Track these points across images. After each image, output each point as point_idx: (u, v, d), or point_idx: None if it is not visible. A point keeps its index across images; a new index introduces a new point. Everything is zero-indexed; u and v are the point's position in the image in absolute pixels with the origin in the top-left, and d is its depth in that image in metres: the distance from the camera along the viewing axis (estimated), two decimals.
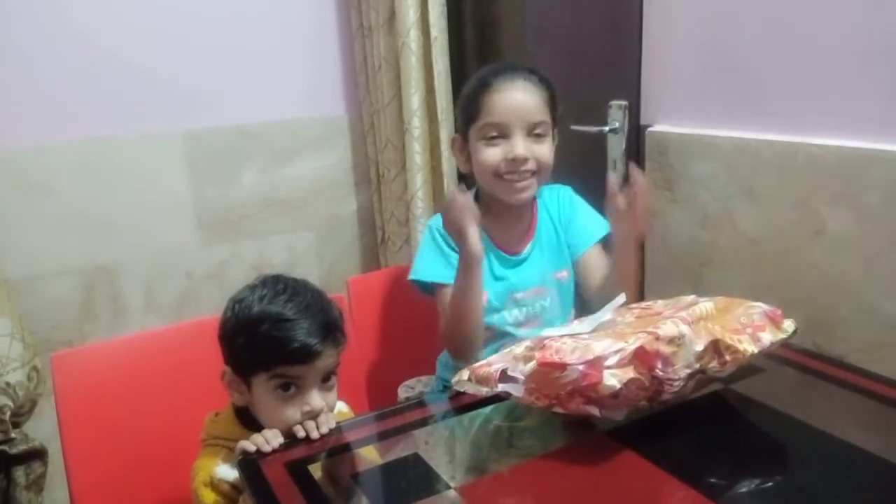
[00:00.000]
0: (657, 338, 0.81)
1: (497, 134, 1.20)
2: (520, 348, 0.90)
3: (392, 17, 1.81)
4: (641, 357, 0.80)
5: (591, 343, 0.82)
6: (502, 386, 0.87)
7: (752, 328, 0.88)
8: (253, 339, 0.96)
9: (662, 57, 1.37)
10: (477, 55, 1.89)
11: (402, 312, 1.51)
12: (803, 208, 1.15)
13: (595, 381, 0.79)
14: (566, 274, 1.30)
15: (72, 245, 1.82)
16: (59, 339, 1.81)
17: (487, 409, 0.96)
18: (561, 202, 1.33)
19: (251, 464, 0.88)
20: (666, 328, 0.82)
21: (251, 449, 0.90)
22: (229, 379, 1.00)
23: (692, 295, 0.99)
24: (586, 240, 1.29)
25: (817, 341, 1.13)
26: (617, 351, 0.80)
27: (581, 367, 0.80)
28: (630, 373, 0.80)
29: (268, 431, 0.93)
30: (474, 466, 0.86)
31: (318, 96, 2.09)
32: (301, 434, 0.93)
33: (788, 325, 0.91)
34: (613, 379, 0.79)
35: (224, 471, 0.96)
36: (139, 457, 1.18)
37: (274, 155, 2.04)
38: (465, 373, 0.93)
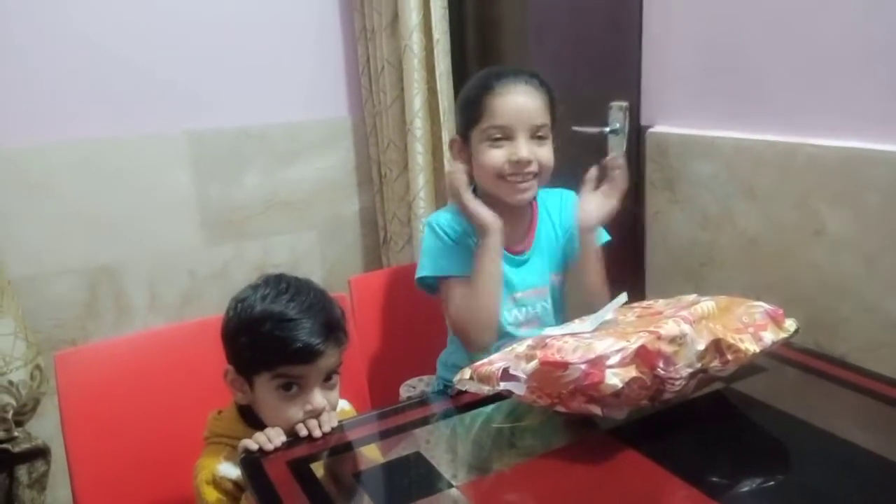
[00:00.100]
0: (659, 337, 0.81)
1: (501, 136, 1.21)
2: (521, 347, 0.90)
3: (395, 20, 1.82)
4: (643, 356, 0.81)
5: (593, 342, 0.83)
6: (504, 385, 0.87)
7: (754, 327, 0.89)
8: (255, 339, 0.96)
9: (663, 58, 1.37)
10: (478, 56, 1.90)
11: (404, 312, 1.51)
12: (803, 208, 1.15)
13: (597, 381, 0.79)
14: (561, 277, 1.31)
15: (74, 244, 1.82)
16: (62, 338, 1.81)
17: (489, 408, 0.96)
18: (563, 207, 1.33)
19: (253, 462, 0.88)
20: (668, 327, 0.82)
21: (253, 447, 0.90)
22: (232, 378, 1.01)
23: (693, 294, 0.99)
24: None
25: (818, 340, 1.13)
26: (619, 350, 0.80)
27: (583, 367, 0.80)
28: (632, 372, 0.80)
29: (270, 430, 0.93)
30: (476, 465, 0.86)
31: (321, 98, 2.09)
32: (303, 433, 0.93)
33: (790, 325, 0.92)
34: (615, 378, 0.79)
35: (227, 469, 0.97)
36: (142, 455, 1.18)
37: (277, 156, 2.04)
38: (467, 371, 0.93)
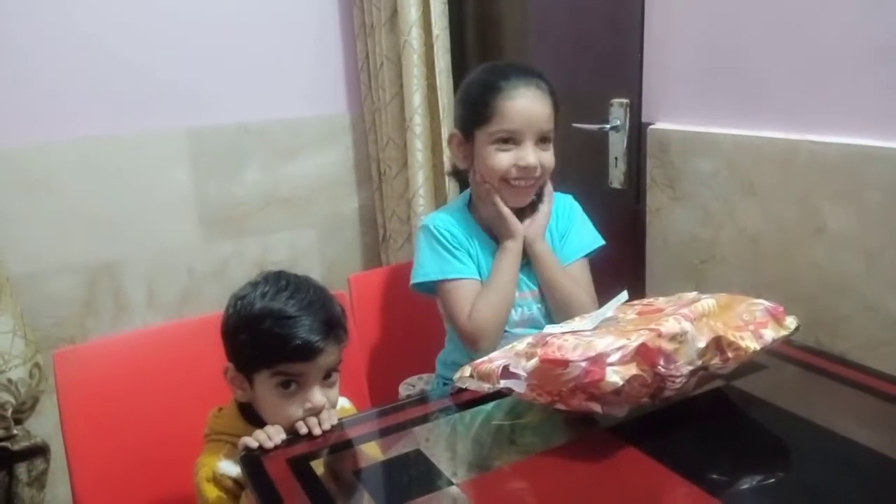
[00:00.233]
0: (659, 335, 0.81)
1: (508, 139, 1.20)
2: (522, 345, 0.90)
3: (394, 16, 1.81)
4: (644, 354, 0.80)
5: (594, 340, 0.82)
6: (504, 382, 0.87)
7: (755, 325, 0.88)
8: (255, 336, 0.96)
9: (664, 55, 1.37)
10: (478, 53, 1.90)
11: (404, 310, 1.51)
12: (804, 205, 1.15)
13: (597, 378, 0.79)
14: None
15: (74, 242, 1.82)
16: (61, 336, 1.81)
17: (489, 406, 0.96)
18: (561, 211, 1.33)
19: (253, 460, 0.88)
20: (668, 325, 0.82)
21: (253, 445, 0.90)
22: (232, 375, 1.00)
23: (694, 292, 0.99)
24: (574, 252, 1.30)
25: (819, 338, 1.13)
26: (619, 348, 0.80)
27: (583, 364, 0.80)
28: (632, 370, 0.80)
29: (270, 428, 0.93)
30: (476, 463, 0.86)
31: (320, 94, 2.09)
32: (303, 430, 0.93)
33: (790, 322, 0.92)
34: (616, 376, 0.79)
35: (227, 466, 0.97)
36: (141, 453, 1.18)
37: (276, 153, 2.04)
38: (467, 369, 0.93)
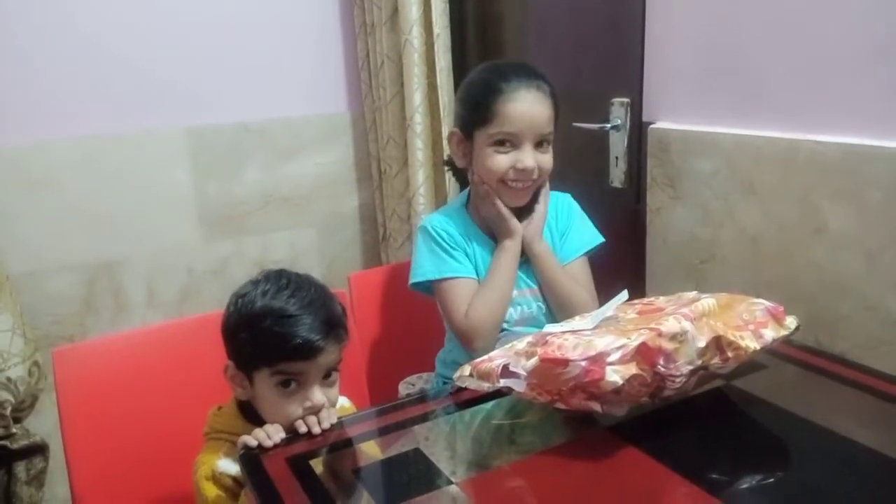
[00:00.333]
0: (660, 334, 0.81)
1: (507, 141, 1.20)
2: (521, 344, 0.90)
3: (395, 14, 1.81)
4: (644, 353, 0.80)
5: (594, 339, 0.82)
6: (504, 381, 0.86)
7: (755, 325, 0.88)
8: (255, 335, 0.96)
9: (664, 54, 1.37)
10: (479, 52, 1.90)
11: (403, 309, 1.51)
12: (805, 205, 1.15)
13: (597, 378, 0.79)
14: None
15: (74, 241, 1.82)
16: (61, 335, 1.81)
17: (489, 405, 0.96)
18: (560, 210, 1.33)
19: (253, 458, 0.88)
20: (668, 324, 0.82)
21: (253, 444, 0.90)
22: (232, 373, 1.00)
23: (694, 291, 0.99)
24: (574, 250, 1.30)
25: (819, 338, 1.13)
26: (619, 347, 0.80)
27: (583, 364, 0.79)
28: (632, 369, 0.80)
29: (269, 426, 0.93)
30: (475, 462, 0.86)
31: (321, 93, 2.09)
32: (303, 429, 0.93)
33: (791, 322, 0.91)
34: (616, 375, 0.79)
35: (226, 465, 0.97)
36: (141, 452, 1.18)
37: (276, 152, 2.04)
38: (467, 368, 0.93)
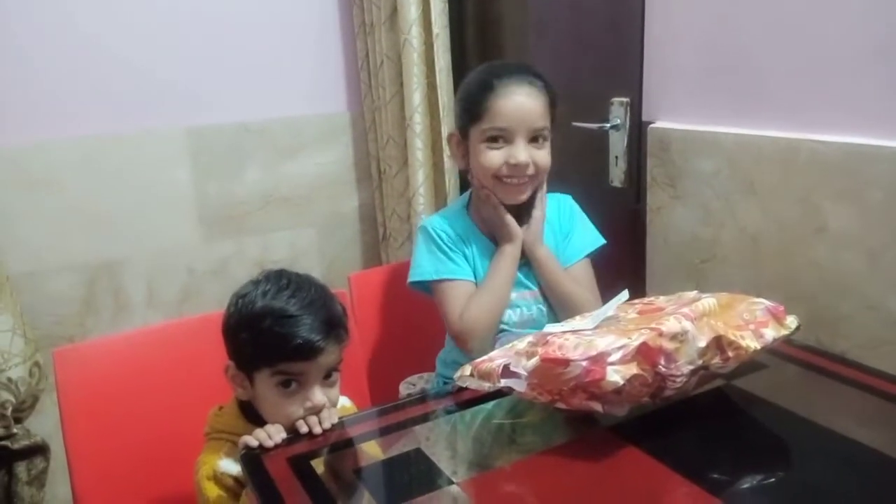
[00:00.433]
0: (660, 334, 0.81)
1: (499, 137, 1.20)
2: (522, 344, 0.90)
3: (394, 14, 1.81)
4: (645, 353, 0.80)
5: (595, 339, 0.82)
6: (505, 381, 0.87)
7: (755, 324, 0.88)
8: (255, 335, 0.96)
9: (664, 53, 1.36)
10: (478, 52, 1.90)
11: (404, 309, 1.51)
12: (805, 204, 1.15)
13: (598, 378, 0.79)
14: None
15: (74, 241, 1.82)
16: (61, 335, 1.81)
17: (489, 405, 0.96)
18: (561, 212, 1.33)
19: (254, 458, 0.88)
20: (669, 324, 0.82)
21: (254, 444, 0.90)
22: (232, 373, 1.00)
23: (694, 291, 0.99)
24: (576, 252, 1.30)
25: (820, 337, 1.13)
26: (620, 347, 0.80)
27: (584, 364, 0.80)
28: (633, 369, 0.80)
29: (270, 426, 0.93)
30: (476, 462, 0.86)
31: (320, 93, 2.09)
32: (304, 429, 0.93)
33: (791, 322, 0.91)
34: (616, 375, 0.79)
35: (227, 465, 0.97)
36: (142, 452, 1.18)
37: (276, 151, 2.04)
38: (468, 368, 0.93)
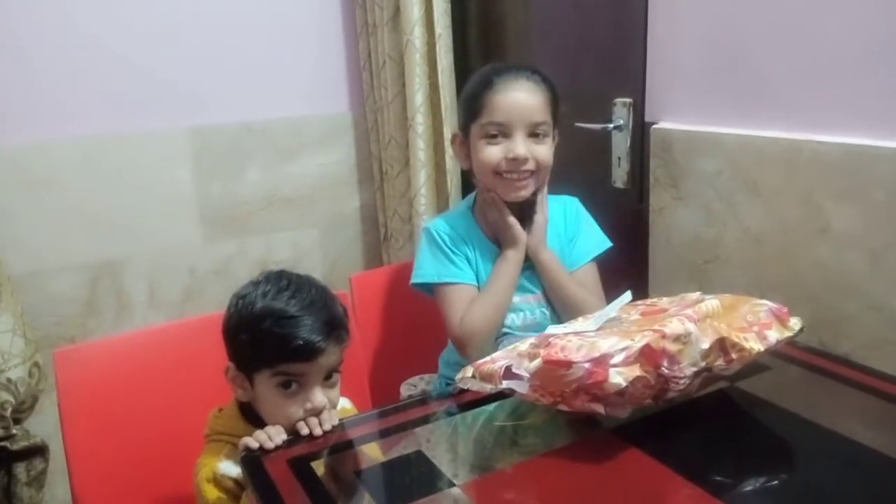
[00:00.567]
0: (663, 336, 0.80)
1: (498, 133, 1.20)
2: (524, 345, 0.89)
3: (396, 14, 1.81)
4: (647, 355, 0.80)
5: (597, 341, 0.82)
6: (507, 383, 0.86)
7: (759, 326, 0.88)
8: (256, 336, 0.96)
9: (667, 54, 1.36)
10: (481, 52, 1.89)
11: (405, 310, 1.50)
12: (808, 205, 1.14)
13: (601, 379, 0.79)
14: None
15: (75, 241, 1.82)
16: (62, 335, 1.81)
17: (491, 407, 0.96)
18: (567, 215, 1.32)
19: (254, 460, 0.88)
20: (672, 326, 0.81)
21: (254, 445, 0.90)
22: (233, 375, 1.00)
23: (697, 292, 0.98)
24: (583, 256, 1.29)
25: (823, 338, 1.13)
26: (623, 349, 0.80)
27: (587, 365, 0.79)
28: (636, 371, 0.79)
29: (271, 428, 0.93)
30: (478, 464, 0.86)
31: (322, 93, 2.09)
32: (304, 431, 0.93)
33: (795, 323, 0.91)
34: (619, 377, 0.78)
35: (227, 467, 0.96)
36: (142, 453, 1.18)
37: (278, 152, 2.04)
38: (469, 370, 0.92)
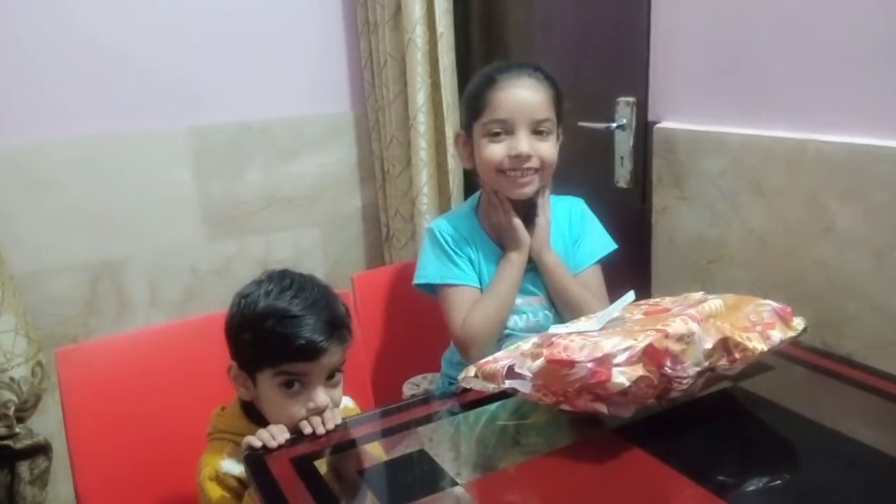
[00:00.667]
0: (666, 335, 0.80)
1: (501, 130, 1.20)
2: (527, 345, 0.89)
3: (398, 13, 1.81)
4: (650, 355, 0.80)
5: (600, 340, 0.82)
6: (509, 382, 0.86)
7: (762, 326, 0.88)
8: (258, 335, 0.96)
9: (670, 53, 1.36)
10: (483, 51, 1.89)
11: (407, 309, 1.50)
12: (812, 205, 1.14)
13: (604, 379, 0.79)
14: None
15: (76, 241, 1.82)
16: (64, 335, 1.81)
17: (494, 406, 0.96)
18: (572, 216, 1.32)
19: (257, 459, 0.88)
20: (675, 326, 0.81)
21: (257, 444, 0.90)
22: (235, 374, 1.00)
23: (700, 292, 0.98)
24: (587, 258, 1.29)
25: (826, 338, 1.13)
26: (626, 349, 0.79)
27: (590, 365, 0.79)
28: (639, 370, 0.79)
29: (273, 427, 0.93)
30: (480, 463, 0.86)
31: (324, 92, 2.09)
32: (307, 430, 0.93)
33: (798, 323, 0.91)
34: (622, 377, 0.78)
35: (230, 465, 0.96)
36: (144, 452, 1.18)
37: (279, 151, 2.04)
38: (472, 369, 0.92)
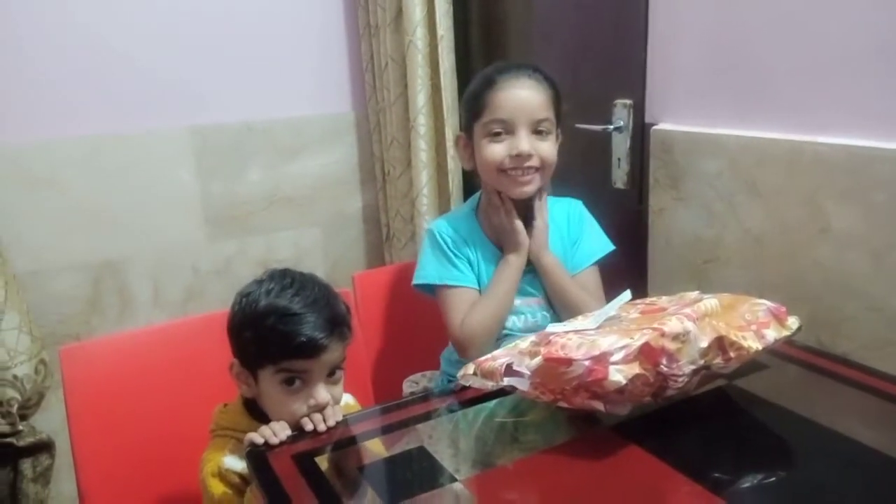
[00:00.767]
0: (662, 334, 0.81)
1: (501, 130, 1.21)
2: (525, 343, 0.90)
3: (399, 16, 1.82)
4: (647, 353, 0.81)
5: (597, 339, 0.83)
6: (507, 380, 0.87)
7: (757, 325, 0.89)
8: (259, 333, 0.97)
9: (668, 55, 1.37)
10: (483, 53, 1.90)
11: (407, 308, 1.51)
12: (809, 205, 1.15)
13: (601, 377, 0.80)
14: None
15: (78, 240, 1.83)
16: (67, 333, 1.82)
17: (492, 403, 0.96)
18: (571, 218, 1.32)
19: (259, 456, 0.89)
20: (671, 324, 0.82)
21: (259, 441, 0.91)
22: (237, 371, 1.01)
23: (696, 291, 0.99)
24: (585, 259, 1.29)
25: (821, 338, 1.13)
26: (622, 347, 0.80)
27: (587, 363, 0.80)
28: (635, 369, 0.80)
29: (275, 424, 0.94)
30: (479, 460, 0.87)
31: (325, 93, 2.10)
32: (308, 427, 0.94)
33: (793, 322, 0.92)
34: (619, 375, 0.79)
35: (232, 461, 0.97)
36: (147, 449, 1.19)
37: (280, 151, 2.05)
38: (471, 367, 0.93)
